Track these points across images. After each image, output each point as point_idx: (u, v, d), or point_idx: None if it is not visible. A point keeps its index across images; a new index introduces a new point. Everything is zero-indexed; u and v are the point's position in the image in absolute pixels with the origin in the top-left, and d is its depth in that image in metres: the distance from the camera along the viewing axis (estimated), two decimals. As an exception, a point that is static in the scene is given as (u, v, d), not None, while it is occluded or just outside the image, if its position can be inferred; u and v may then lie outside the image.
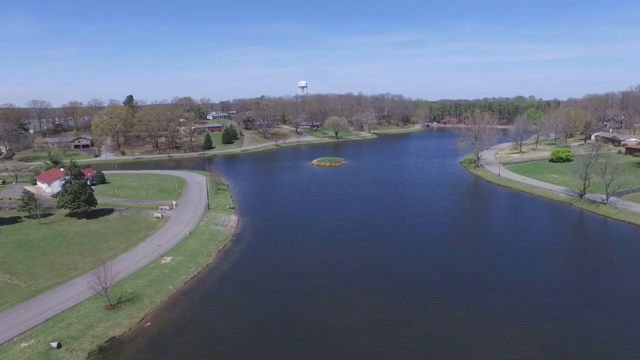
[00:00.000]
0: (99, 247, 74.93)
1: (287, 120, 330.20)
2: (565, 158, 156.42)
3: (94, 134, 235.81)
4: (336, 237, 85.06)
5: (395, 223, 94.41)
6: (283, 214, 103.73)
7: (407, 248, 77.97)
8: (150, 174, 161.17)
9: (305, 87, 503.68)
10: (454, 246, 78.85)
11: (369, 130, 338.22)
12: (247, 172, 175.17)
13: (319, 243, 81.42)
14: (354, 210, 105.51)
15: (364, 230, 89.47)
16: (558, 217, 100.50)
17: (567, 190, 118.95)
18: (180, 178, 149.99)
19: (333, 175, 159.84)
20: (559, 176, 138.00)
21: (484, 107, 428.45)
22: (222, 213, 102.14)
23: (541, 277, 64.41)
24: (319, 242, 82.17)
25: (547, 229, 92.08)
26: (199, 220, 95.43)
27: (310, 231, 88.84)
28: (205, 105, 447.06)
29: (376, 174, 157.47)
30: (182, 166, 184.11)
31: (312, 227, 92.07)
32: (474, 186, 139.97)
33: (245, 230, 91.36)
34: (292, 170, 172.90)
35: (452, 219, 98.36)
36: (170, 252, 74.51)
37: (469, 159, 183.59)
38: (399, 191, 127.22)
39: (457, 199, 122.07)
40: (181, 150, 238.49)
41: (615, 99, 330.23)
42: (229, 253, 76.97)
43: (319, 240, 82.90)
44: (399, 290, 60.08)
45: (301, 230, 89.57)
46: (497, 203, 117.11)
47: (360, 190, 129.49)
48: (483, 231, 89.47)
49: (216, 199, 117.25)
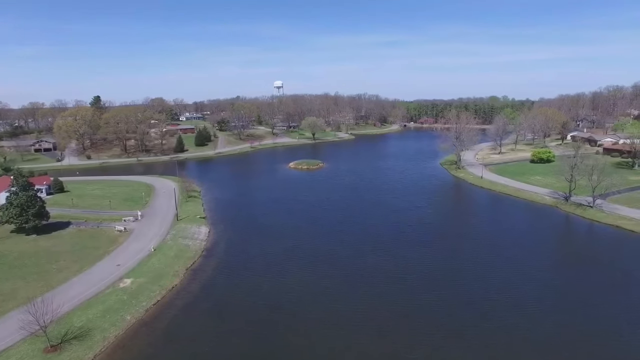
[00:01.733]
0: (48, 270, 65.78)
1: (263, 121, 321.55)
2: (546, 159, 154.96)
3: (57, 137, 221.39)
4: (314, 254, 78.33)
5: (378, 236, 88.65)
6: (258, 225, 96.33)
7: (393, 266, 72.16)
8: (116, 180, 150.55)
9: (282, 88, 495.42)
10: (438, 259, 73.63)
11: (347, 131, 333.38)
12: (220, 176, 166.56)
13: (297, 260, 74.65)
14: (333, 221, 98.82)
15: (344, 245, 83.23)
16: (545, 223, 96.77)
17: (552, 193, 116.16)
18: (149, 184, 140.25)
19: (311, 179, 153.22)
20: (541, 178, 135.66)
21: (460, 107, 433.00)
22: (192, 224, 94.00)
23: (541, 294, 59.70)
24: (296, 258, 75.37)
25: (535, 236, 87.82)
26: (165, 233, 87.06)
27: (287, 245, 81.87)
28: (178, 106, 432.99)
29: (355, 178, 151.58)
30: (151, 171, 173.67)
31: (289, 240, 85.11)
32: (457, 189, 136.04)
33: (217, 243, 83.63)
34: (268, 174, 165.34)
35: (436, 228, 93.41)
36: (131, 272, 66.18)
37: (450, 160, 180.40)
38: (380, 197, 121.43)
39: (440, 204, 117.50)
40: (151, 153, 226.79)
41: (586, 100, 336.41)
42: (199, 272, 69.27)
43: (297, 257, 76.09)
44: (394, 326, 54.02)
45: (277, 244, 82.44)
46: (482, 208, 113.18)
47: (339, 197, 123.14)
48: (469, 240, 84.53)
49: (186, 208, 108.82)
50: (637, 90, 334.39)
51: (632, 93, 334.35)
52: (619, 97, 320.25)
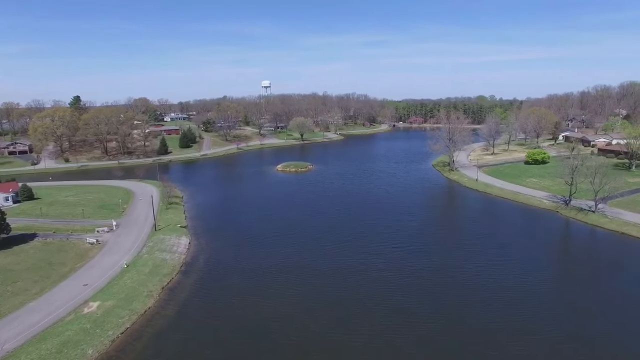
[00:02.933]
0: (1, 293, 58.21)
1: (250, 121, 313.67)
2: (541, 160, 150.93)
3: (33, 139, 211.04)
4: (304, 269, 72.02)
5: (370, 248, 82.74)
6: (242, 235, 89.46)
7: (390, 283, 66.27)
8: (93, 185, 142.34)
9: (269, 87, 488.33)
10: (436, 272, 68.01)
11: (336, 131, 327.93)
12: (204, 180, 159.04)
13: (285, 276, 68.27)
14: (322, 231, 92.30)
15: (337, 260, 77.12)
16: (546, 229, 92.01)
17: (551, 197, 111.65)
18: (128, 190, 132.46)
19: (299, 183, 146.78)
20: (538, 180, 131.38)
21: (449, 107, 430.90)
22: (172, 235, 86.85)
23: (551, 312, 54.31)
24: (284, 274, 68.98)
25: (536, 243, 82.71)
26: (142, 246, 79.88)
27: (274, 260, 75.36)
28: (163, 107, 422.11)
29: (345, 181, 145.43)
30: (132, 175, 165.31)
31: (276, 253, 78.63)
32: (452, 193, 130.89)
33: (198, 257, 76.71)
34: (254, 178, 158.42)
35: (432, 237, 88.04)
36: (99, 294, 59.02)
37: (442, 161, 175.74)
38: (371, 203, 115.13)
39: (435, 209, 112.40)
40: (133, 155, 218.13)
41: (574, 99, 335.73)
42: (176, 291, 62.40)
43: (285, 273, 69.68)
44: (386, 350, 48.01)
45: (262, 259, 75.91)
46: (479, 214, 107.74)
47: (329, 203, 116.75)
48: (467, 249, 79.11)
49: (166, 216, 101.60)
50: (624, 90, 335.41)
51: (619, 93, 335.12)
52: (606, 96, 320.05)
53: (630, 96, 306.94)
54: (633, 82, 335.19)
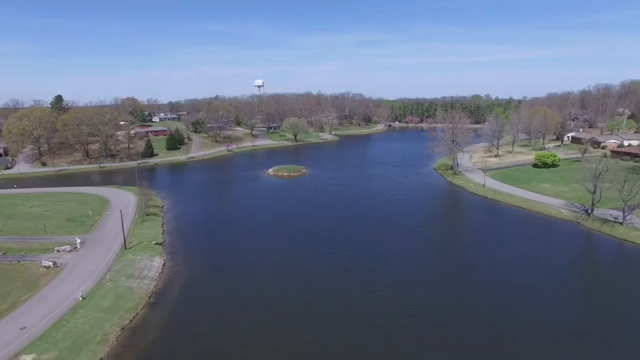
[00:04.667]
0: None
1: (242, 122, 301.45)
2: (552, 164, 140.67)
3: (8, 141, 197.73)
4: (298, 300, 61.09)
5: (370, 274, 71.88)
6: (225, 254, 78.25)
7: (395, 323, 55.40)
8: (66, 192, 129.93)
9: (262, 87, 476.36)
10: (448, 296, 57.27)
11: (330, 132, 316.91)
12: (189, 186, 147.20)
13: (276, 308, 57.21)
14: (317, 252, 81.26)
15: (334, 290, 66.15)
16: (568, 244, 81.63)
17: (569, 205, 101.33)
18: (103, 198, 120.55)
19: (292, 189, 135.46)
20: (550, 186, 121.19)
21: (446, 106, 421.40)
22: (144, 254, 75.34)
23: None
24: (275, 306, 57.93)
25: (560, 263, 72.24)
26: (106, 270, 68.31)
27: (262, 286, 64.31)
28: (152, 106, 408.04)
29: (341, 188, 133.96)
30: (112, 180, 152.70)
31: (265, 277, 67.56)
32: (458, 201, 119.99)
33: (172, 283, 65.31)
34: (244, 183, 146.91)
35: (443, 262, 77.33)
36: (38, 342, 47.41)
37: (444, 164, 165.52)
38: (371, 217, 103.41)
39: (443, 223, 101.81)
40: (117, 159, 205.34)
41: (575, 98, 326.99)
42: (138, 333, 50.96)
43: (275, 304, 58.64)
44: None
45: (250, 283, 64.87)
46: (490, 226, 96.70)
47: (324, 213, 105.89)
48: (480, 267, 68.50)
49: (141, 230, 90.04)
50: (624, 89, 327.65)
51: (619, 91, 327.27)
52: (607, 96, 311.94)
53: (633, 95, 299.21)
54: (634, 81, 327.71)
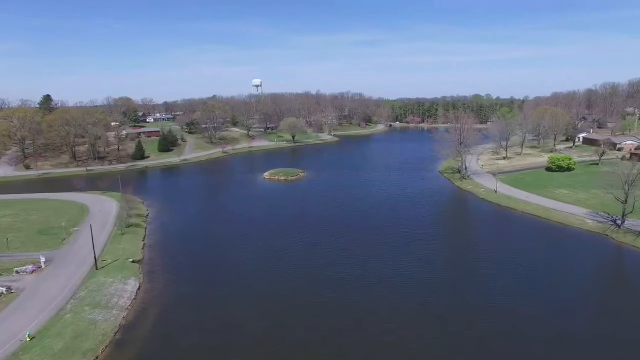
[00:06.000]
0: None
1: (239, 122, 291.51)
2: (567, 167, 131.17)
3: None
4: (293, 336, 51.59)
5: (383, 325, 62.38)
6: (214, 276, 68.79)
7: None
8: (44, 199, 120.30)
9: (260, 86, 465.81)
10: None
11: (330, 132, 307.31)
12: (179, 192, 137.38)
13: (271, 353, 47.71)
14: (315, 278, 72.07)
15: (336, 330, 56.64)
16: (596, 259, 72.28)
17: (592, 214, 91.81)
18: (83, 206, 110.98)
19: (288, 195, 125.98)
20: (568, 192, 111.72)
21: (448, 106, 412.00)
22: (117, 275, 65.79)
23: None
24: (269, 344, 48.44)
25: (589, 284, 62.94)
26: (69, 296, 58.71)
27: (253, 317, 54.85)
28: (147, 106, 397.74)
29: (340, 193, 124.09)
30: (97, 185, 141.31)
31: (254, 310, 58.11)
32: (470, 210, 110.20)
33: (145, 313, 55.66)
34: (237, 188, 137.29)
35: (461, 287, 67.85)
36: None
37: (450, 167, 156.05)
38: (375, 231, 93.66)
39: (456, 236, 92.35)
40: (105, 161, 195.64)
41: (581, 98, 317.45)
42: (94, 385, 41.53)
43: (269, 342, 49.15)
44: None
45: (237, 314, 55.40)
46: (506, 237, 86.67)
47: (322, 226, 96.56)
48: (501, 291, 59.08)
49: (118, 245, 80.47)
50: (632, 88, 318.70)
51: (626, 91, 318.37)
52: (616, 94, 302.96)
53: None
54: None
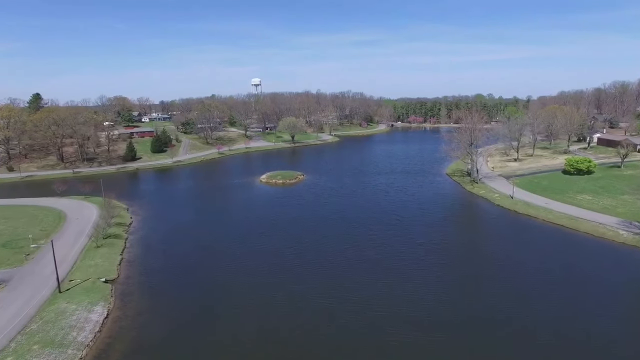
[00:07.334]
0: None
1: (237, 122, 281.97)
2: (586, 170, 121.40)
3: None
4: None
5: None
6: (201, 298, 59.15)
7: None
8: (19, 205, 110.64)
9: (259, 85, 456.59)
10: None
11: (330, 132, 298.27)
12: (169, 197, 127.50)
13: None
14: (311, 303, 62.45)
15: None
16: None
17: (626, 224, 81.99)
18: (61, 213, 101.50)
19: (285, 201, 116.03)
20: (592, 198, 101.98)
21: (450, 106, 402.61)
22: (82, 300, 56.08)
23: None
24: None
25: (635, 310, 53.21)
26: (17, 331, 48.93)
27: (242, 349, 45.19)
28: (143, 106, 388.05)
29: (342, 200, 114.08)
30: (80, 189, 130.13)
31: (246, 334, 48.46)
32: (485, 219, 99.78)
33: (110, 352, 45.75)
34: (231, 193, 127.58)
35: (489, 318, 58.06)
36: None
37: (458, 169, 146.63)
38: (381, 245, 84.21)
39: (473, 252, 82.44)
40: (95, 163, 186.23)
41: (590, 97, 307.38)
42: None
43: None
44: None
45: (225, 351, 45.76)
46: (531, 251, 76.68)
47: (321, 239, 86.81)
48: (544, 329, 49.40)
49: (91, 261, 70.86)
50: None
51: (638, 89, 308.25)
52: (626, 93, 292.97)
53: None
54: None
